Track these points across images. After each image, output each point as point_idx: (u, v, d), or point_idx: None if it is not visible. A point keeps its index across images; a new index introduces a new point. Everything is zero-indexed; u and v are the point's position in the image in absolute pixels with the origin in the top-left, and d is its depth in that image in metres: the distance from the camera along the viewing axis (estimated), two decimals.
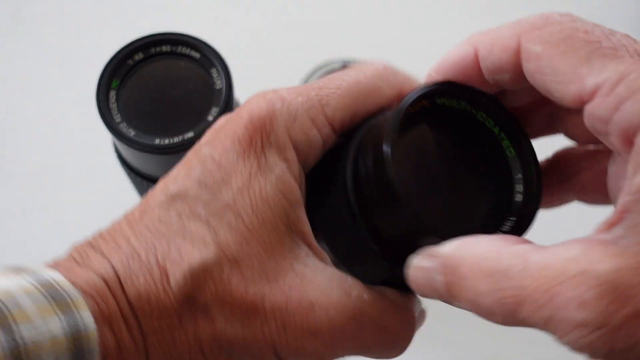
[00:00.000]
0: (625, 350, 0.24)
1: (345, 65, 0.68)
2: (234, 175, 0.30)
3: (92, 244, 0.30)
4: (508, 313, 0.26)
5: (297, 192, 0.31)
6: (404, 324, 0.32)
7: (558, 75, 0.27)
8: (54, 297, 0.27)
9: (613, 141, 0.27)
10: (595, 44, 0.27)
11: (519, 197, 0.32)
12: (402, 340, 0.32)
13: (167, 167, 0.46)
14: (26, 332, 0.26)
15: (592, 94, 0.26)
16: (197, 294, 0.29)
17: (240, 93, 0.52)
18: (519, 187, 0.32)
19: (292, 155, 0.31)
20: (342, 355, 0.31)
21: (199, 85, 0.46)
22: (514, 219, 0.31)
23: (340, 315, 0.30)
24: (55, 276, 0.28)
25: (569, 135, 0.33)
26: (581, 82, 0.26)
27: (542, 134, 0.34)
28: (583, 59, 0.26)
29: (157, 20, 0.76)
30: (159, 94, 0.46)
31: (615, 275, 0.24)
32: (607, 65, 0.26)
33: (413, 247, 0.30)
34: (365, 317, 0.31)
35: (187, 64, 0.46)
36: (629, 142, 0.26)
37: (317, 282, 0.30)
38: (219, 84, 0.46)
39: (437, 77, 0.31)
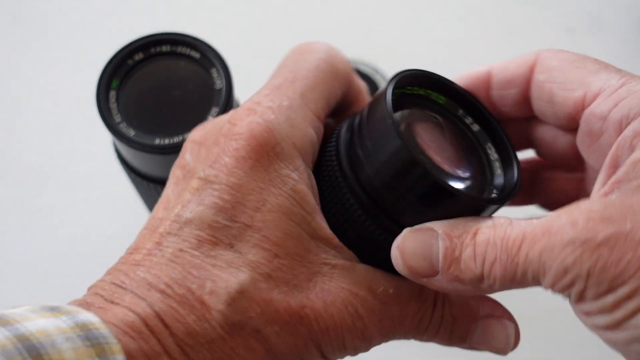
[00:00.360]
0: (608, 265, 0.26)
1: None
2: (247, 194, 0.30)
3: (116, 283, 0.30)
4: (510, 257, 0.28)
5: (312, 200, 0.32)
6: (425, 311, 0.33)
7: (567, 83, 0.31)
8: (91, 340, 0.27)
9: (605, 139, 0.30)
10: (604, 65, 0.31)
11: (497, 168, 0.34)
12: (427, 325, 0.33)
13: (167, 167, 0.46)
14: None
15: (595, 96, 0.30)
16: (244, 319, 0.29)
17: (240, 93, 0.52)
18: (493, 155, 0.35)
19: (299, 162, 0.32)
20: (379, 343, 0.33)
21: (199, 85, 0.46)
22: (496, 190, 0.34)
23: (369, 313, 0.31)
24: (92, 318, 0.27)
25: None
26: (587, 87, 0.31)
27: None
28: (593, 72, 0.31)
29: (157, 20, 0.76)
30: (158, 94, 0.46)
31: (605, 209, 0.27)
32: (612, 76, 0.30)
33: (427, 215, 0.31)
34: (392, 310, 0.32)
35: (187, 64, 0.46)
36: (620, 133, 0.29)
37: (346, 283, 0.31)
38: (219, 84, 0.46)
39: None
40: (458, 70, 0.45)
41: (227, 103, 0.45)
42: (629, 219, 0.27)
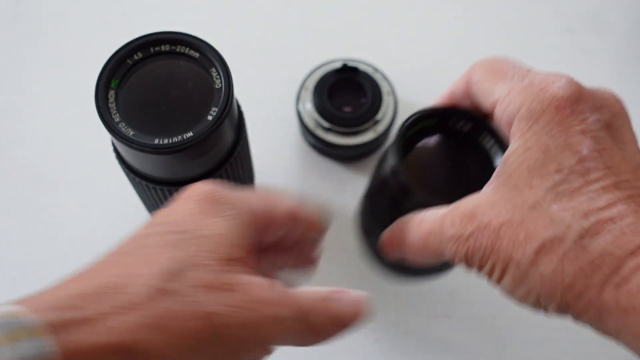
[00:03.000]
0: (474, 251, 0.37)
1: (345, 65, 0.68)
2: (186, 218, 0.36)
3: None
4: (424, 243, 0.40)
5: (242, 230, 0.37)
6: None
7: (484, 93, 0.41)
8: (12, 325, 0.28)
9: (504, 133, 0.40)
10: (504, 73, 0.41)
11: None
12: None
13: (167, 167, 0.46)
14: None
15: (495, 103, 0.40)
16: (172, 284, 0.33)
17: (240, 93, 0.52)
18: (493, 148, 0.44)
19: (239, 206, 0.37)
20: (287, 331, 0.35)
21: (198, 85, 0.46)
22: None
23: (271, 293, 0.35)
24: (15, 308, 0.29)
25: None
26: (492, 96, 0.41)
27: None
28: (495, 82, 0.41)
29: (157, 20, 0.77)
30: (158, 93, 0.46)
31: (473, 209, 0.38)
32: (504, 85, 0.40)
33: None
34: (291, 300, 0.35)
35: (187, 64, 0.46)
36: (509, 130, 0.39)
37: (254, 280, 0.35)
38: (219, 83, 0.46)
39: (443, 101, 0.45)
40: (457, 70, 0.45)
41: (227, 103, 0.45)
42: (487, 214, 0.37)
